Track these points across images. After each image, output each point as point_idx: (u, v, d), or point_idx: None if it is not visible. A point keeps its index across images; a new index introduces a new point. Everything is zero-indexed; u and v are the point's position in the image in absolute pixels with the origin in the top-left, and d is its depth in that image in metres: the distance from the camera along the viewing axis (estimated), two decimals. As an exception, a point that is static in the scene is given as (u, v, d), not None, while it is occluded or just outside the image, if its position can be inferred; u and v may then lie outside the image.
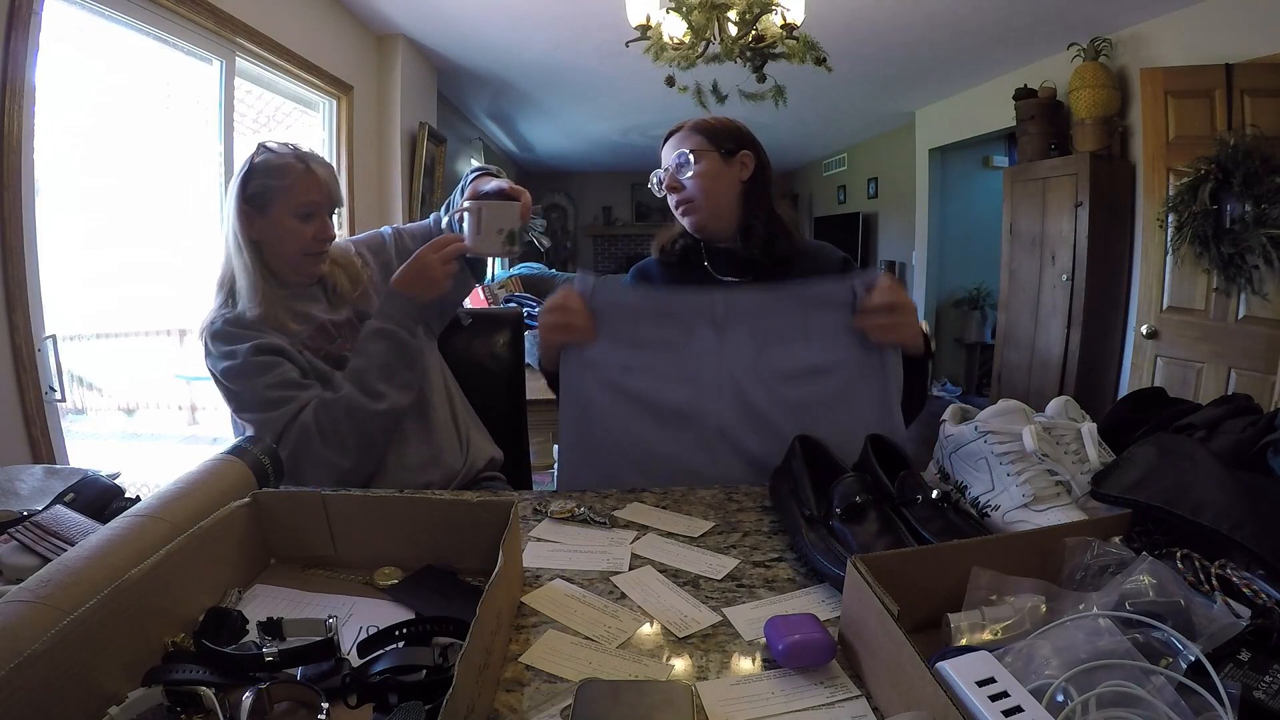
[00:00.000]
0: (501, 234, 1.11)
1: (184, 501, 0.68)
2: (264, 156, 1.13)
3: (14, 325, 1.59)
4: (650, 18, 2.34)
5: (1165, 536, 0.65)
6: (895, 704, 0.50)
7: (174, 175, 2.38)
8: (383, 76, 3.59)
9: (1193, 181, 2.56)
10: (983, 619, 0.56)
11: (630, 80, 4.29)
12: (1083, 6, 3.07)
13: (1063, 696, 0.45)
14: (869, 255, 6.54)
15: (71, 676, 0.45)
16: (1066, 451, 0.82)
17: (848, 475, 0.76)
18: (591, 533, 0.83)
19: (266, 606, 0.64)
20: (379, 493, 0.79)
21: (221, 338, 1.12)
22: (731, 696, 0.54)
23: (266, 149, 1.14)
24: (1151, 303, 2.91)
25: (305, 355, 1.14)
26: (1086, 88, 3.26)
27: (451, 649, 0.55)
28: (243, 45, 2.50)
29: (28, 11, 1.57)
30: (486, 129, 6.07)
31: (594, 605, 0.67)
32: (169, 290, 2.48)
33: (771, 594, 0.70)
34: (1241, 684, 0.47)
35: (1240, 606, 0.53)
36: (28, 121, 1.60)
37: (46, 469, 0.88)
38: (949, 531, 0.71)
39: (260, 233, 1.14)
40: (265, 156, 1.13)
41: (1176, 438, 0.79)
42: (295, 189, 1.12)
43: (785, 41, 2.35)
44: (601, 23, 3.27)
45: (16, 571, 0.61)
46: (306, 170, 1.13)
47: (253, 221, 1.13)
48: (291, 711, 0.51)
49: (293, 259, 1.17)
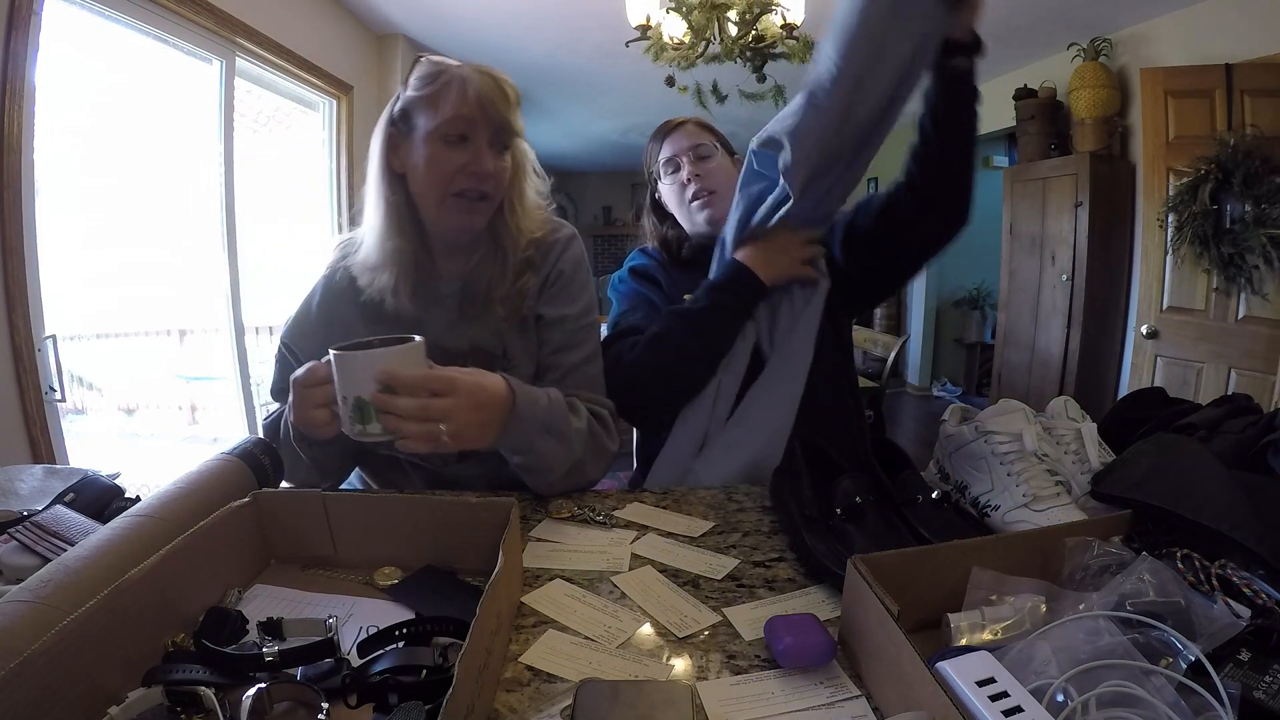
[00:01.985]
0: (347, 404, 0.71)
1: (184, 501, 0.68)
2: (423, 66, 0.87)
3: (14, 325, 1.59)
4: (650, 18, 2.35)
5: (1165, 536, 0.65)
6: (895, 704, 0.50)
7: (174, 175, 2.38)
8: (383, 76, 3.58)
9: (1193, 181, 2.57)
10: (983, 619, 0.56)
11: (630, 80, 4.29)
12: (1083, 6, 3.07)
13: (1063, 696, 0.45)
14: (869, 255, 6.53)
15: (71, 676, 0.45)
16: (1066, 451, 0.82)
17: (848, 475, 0.76)
18: (591, 533, 0.83)
19: (266, 606, 0.64)
20: (379, 493, 0.78)
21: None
22: (731, 696, 0.54)
23: (428, 60, 0.88)
24: (1151, 303, 2.91)
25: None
26: (1086, 88, 3.26)
27: (451, 649, 0.55)
28: (243, 45, 2.50)
29: (28, 11, 1.57)
30: (486, 129, 6.06)
31: (594, 605, 0.67)
32: (169, 290, 2.48)
33: (771, 594, 0.69)
34: (1241, 684, 0.47)
35: (1240, 606, 0.53)
36: (28, 121, 1.60)
37: (46, 469, 0.88)
38: (949, 531, 0.71)
39: (404, 161, 0.88)
40: (423, 66, 0.87)
41: (1177, 438, 0.79)
42: (440, 100, 0.84)
43: (785, 41, 2.35)
44: (601, 23, 3.27)
45: (16, 571, 0.61)
46: (461, 81, 0.84)
47: (397, 147, 0.88)
48: (291, 711, 0.51)
49: (435, 197, 0.88)
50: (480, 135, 0.86)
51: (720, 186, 1.17)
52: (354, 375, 0.70)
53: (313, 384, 0.75)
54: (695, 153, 1.19)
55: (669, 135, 1.22)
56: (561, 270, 0.98)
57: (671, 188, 1.21)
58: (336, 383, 0.72)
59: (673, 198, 1.22)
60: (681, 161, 1.19)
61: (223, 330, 2.57)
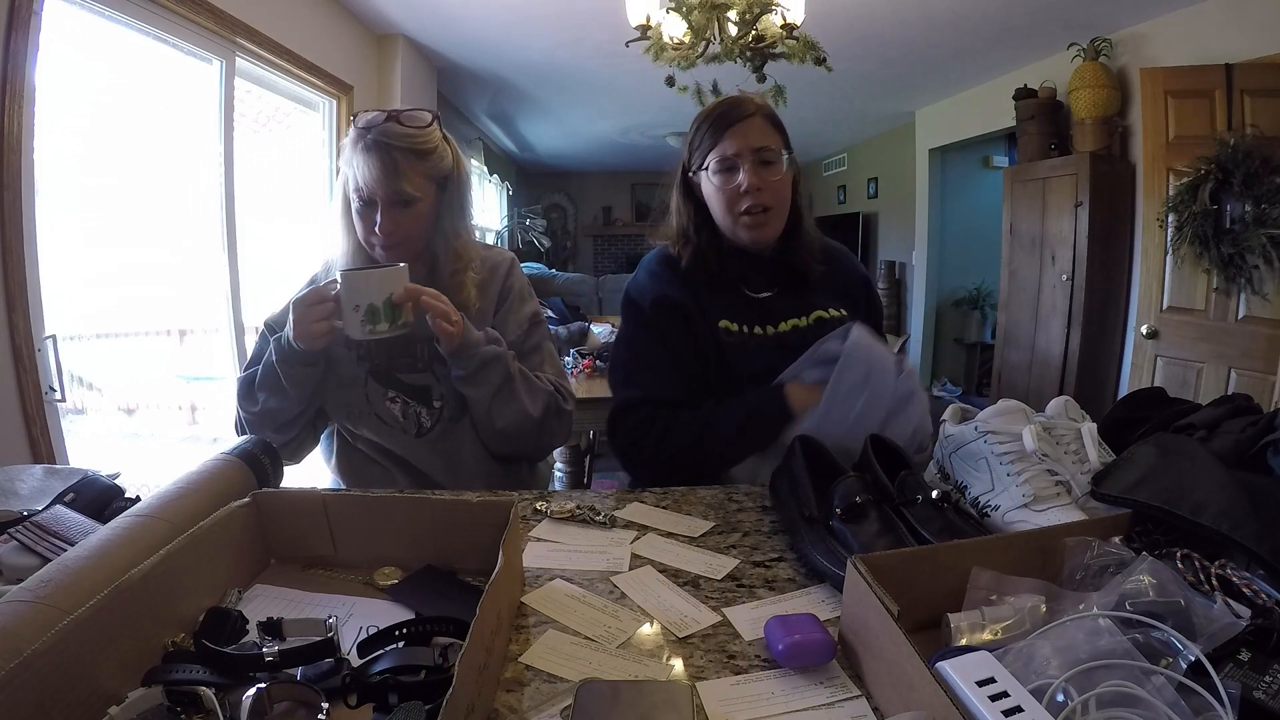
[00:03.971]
0: (359, 311, 0.92)
1: (184, 501, 0.68)
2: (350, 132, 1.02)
3: (14, 325, 1.59)
4: (650, 18, 2.35)
5: (1165, 536, 0.65)
6: (895, 704, 0.50)
7: (174, 175, 2.38)
8: (383, 76, 3.58)
9: (1193, 181, 2.56)
10: (983, 619, 0.56)
11: (630, 80, 4.28)
12: (1083, 6, 3.07)
13: (1063, 696, 0.45)
14: (869, 255, 6.54)
15: (71, 676, 0.45)
16: (1066, 451, 0.82)
17: (848, 475, 0.76)
18: (591, 533, 0.83)
19: (266, 606, 0.64)
20: (379, 493, 0.78)
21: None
22: (731, 696, 0.54)
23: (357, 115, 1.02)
24: (1151, 303, 2.91)
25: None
26: (1086, 88, 3.26)
27: (451, 649, 0.55)
28: (243, 45, 2.50)
29: (28, 12, 1.57)
30: (486, 129, 6.07)
31: (594, 605, 0.67)
32: (169, 290, 2.47)
33: (771, 594, 0.69)
34: (1241, 684, 0.47)
35: (1240, 606, 0.53)
36: (28, 121, 1.60)
37: (46, 469, 0.88)
38: (949, 531, 0.71)
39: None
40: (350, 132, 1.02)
41: (1176, 438, 0.79)
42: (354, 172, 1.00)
43: (785, 41, 2.35)
44: (601, 23, 3.27)
45: (16, 571, 0.61)
46: (363, 157, 0.99)
47: (347, 203, 1.05)
48: (291, 711, 0.51)
49: (366, 247, 1.06)
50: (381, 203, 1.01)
51: (778, 203, 1.06)
52: (369, 287, 0.92)
53: (315, 303, 0.95)
54: (759, 156, 1.04)
55: (732, 128, 1.04)
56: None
57: (721, 191, 1.06)
58: (347, 297, 0.92)
59: (718, 200, 1.08)
60: (742, 164, 1.04)
61: (223, 330, 2.57)
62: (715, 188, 1.07)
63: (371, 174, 0.99)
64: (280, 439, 1.06)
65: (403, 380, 1.11)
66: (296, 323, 0.96)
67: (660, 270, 1.14)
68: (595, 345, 2.81)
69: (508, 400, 1.06)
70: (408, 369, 1.11)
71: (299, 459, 1.15)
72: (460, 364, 1.03)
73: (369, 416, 1.11)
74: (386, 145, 0.99)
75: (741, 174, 1.04)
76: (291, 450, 1.11)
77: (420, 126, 1.03)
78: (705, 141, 1.08)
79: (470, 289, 1.10)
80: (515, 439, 1.10)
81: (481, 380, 1.04)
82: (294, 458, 1.13)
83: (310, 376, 1.03)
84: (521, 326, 1.15)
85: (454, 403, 1.11)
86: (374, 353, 1.09)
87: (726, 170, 1.05)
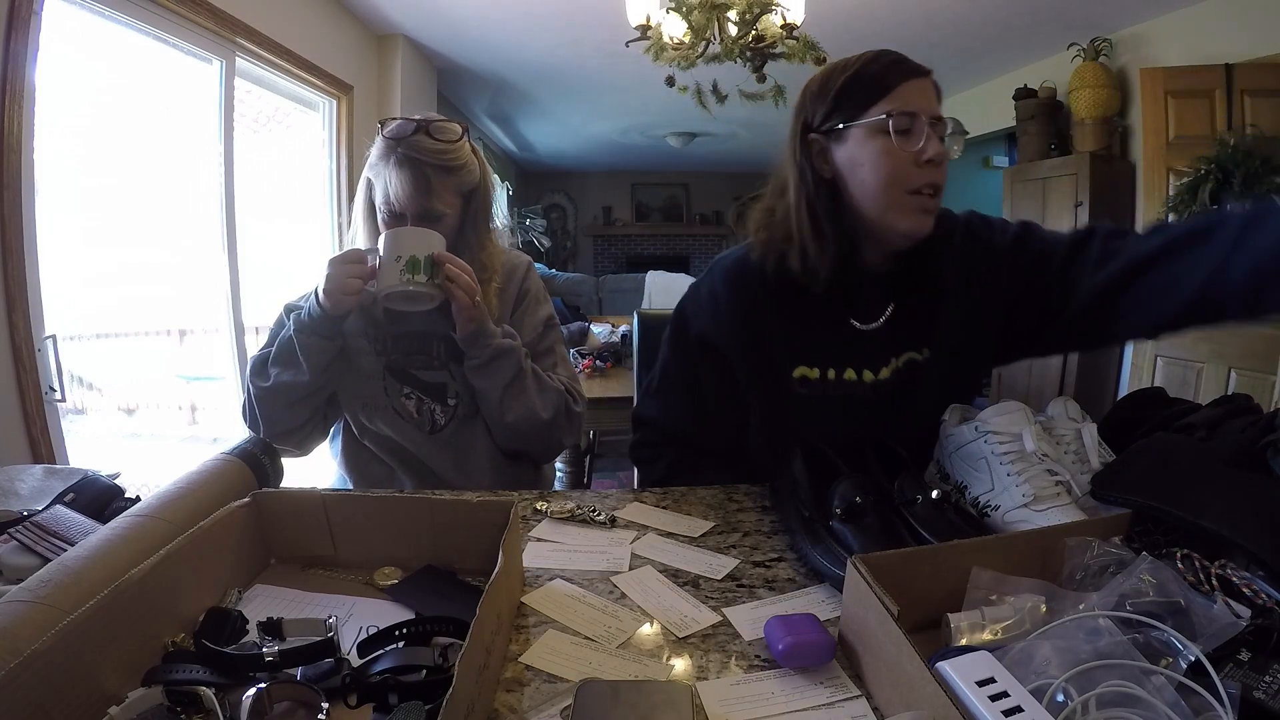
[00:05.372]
0: (400, 261, 0.95)
1: (184, 501, 0.68)
2: (377, 143, 1.04)
3: (14, 325, 1.59)
4: (650, 18, 2.35)
5: (1165, 536, 0.65)
6: (895, 704, 0.50)
7: (174, 175, 2.38)
8: (383, 76, 3.59)
9: (1193, 181, 2.56)
10: (983, 619, 0.56)
11: (630, 80, 4.29)
12: (1083, 6, 3.07)
13: (1063, 696, 0.45)
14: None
15: (71, 676, 0.45)
16: (1066, 451, 0.82)
17: (847, 476, 0.76)
18: (591, 533, 0.83)
19: (266, 606, 0.64)
20: (379, 493, 0.79)
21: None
22: (731, 696, 0.54)
23: (385, 123, 1.04)
24: (1152, 303, 2.91)
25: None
26: (1086, 88, 3.26)
27: (451, 649, 0.55)
28: (243, 45, 2.50)
29: (28, 12, 1.57)
30: (486, 129, 6.07)
31: (594, 605, 0.67)
32: (169, 290, 2.48)
33: (771, 594, 0.69)
34: (1241, 684, 0.47)
35: (1240, 606, 0.53)
36: (28, 121, 1.60)
37: (46, 469, 0.88)
38: (949, 531, 0.71)
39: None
40: (377, 143, 1.04)
41: (1177, 438, 0.79)
42: (382, 189, 1.03)
43: (785, 41, 2.35)
44: (601, 23, 3.27)
45: (16, 571, 0.61)
46: (398, 165, 1.00)
47: (373, 210, 1.07)
48: (291, 711, 0.51)
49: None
50: (410, 217, 1.03)
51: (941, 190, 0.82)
52: (414, 240, 0.96)
53: (352, 260, 0.98)
54: (938, 130, 0.80)
55: (911, 80, 0.79)
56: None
57: (889, 156, 0.79)
58: (391, 247, 0.95)
59: (883, 167, 0.80)
60: (922, 126, 0.79)
61: (223, 330, 2.57)
62: (878, 152, 0.80)
63: (404, 190, 1.00)
64: (289, 420, 1.06)
65: (419, 377, 1.12)
66: (330, 277, 0.97)
67: (726, 293, 0.91)
68: (595, 345, 2.80)
69: (519, 394, 1.06)
70: (423, 365, 1.11)
71: (307, 450, 1.14)
72: (474, 352, 1.03)
73: (386, 410, 1.11)
74: (418, 161, 1.00)
75: (924, 136, 0.79)
76: (300, 439, 1.11)
77: (451, 141, 1.04)
78: (866, 89, 0.81)
79: (492, 299, 1.10)
80: (525, 435, 1.10)
81: (494, 371, 1.05)
82: (301, 447, 1.12)
83: (326, 350, 1.03)
84: (536, 329, 1.16)
85: (468, 401, 1.12)
86: (390, 348, 1.11)
87: (903, 130, 0.78)
